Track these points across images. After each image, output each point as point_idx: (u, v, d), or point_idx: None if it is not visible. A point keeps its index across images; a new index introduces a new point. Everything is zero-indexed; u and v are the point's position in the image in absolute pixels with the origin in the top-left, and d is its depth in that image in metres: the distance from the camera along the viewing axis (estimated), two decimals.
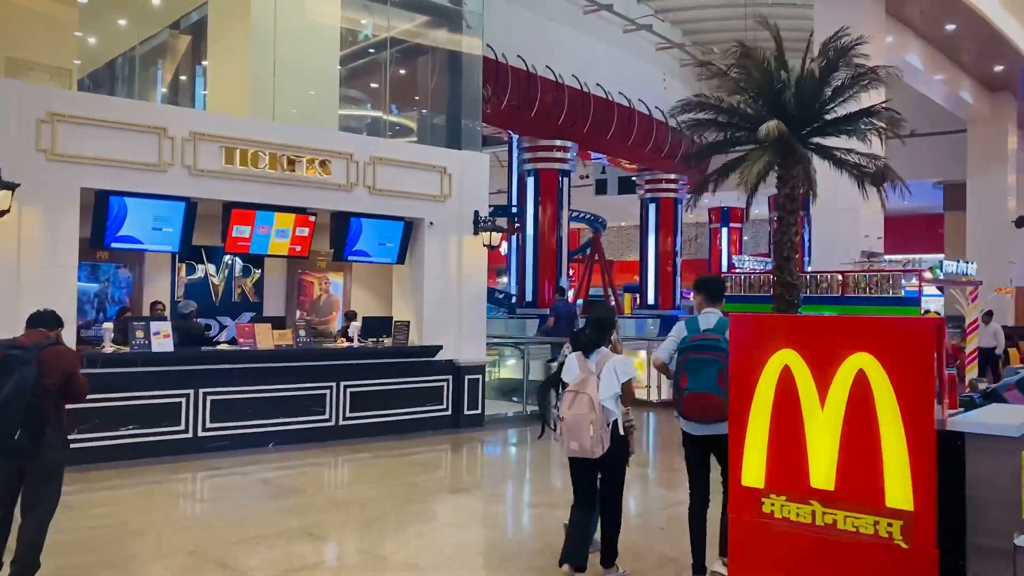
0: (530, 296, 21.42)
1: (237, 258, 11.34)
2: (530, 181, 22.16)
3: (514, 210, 21.84)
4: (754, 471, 3.30)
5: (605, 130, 22.71)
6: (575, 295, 27.07)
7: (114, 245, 9.10)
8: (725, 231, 35.46)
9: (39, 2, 12.28)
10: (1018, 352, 17.84)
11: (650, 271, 27.00)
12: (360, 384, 10.19)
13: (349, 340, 10.53)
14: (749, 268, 16.37)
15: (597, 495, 4.98)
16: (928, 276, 13.75)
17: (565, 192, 22.36)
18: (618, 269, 36.32)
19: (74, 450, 6.75)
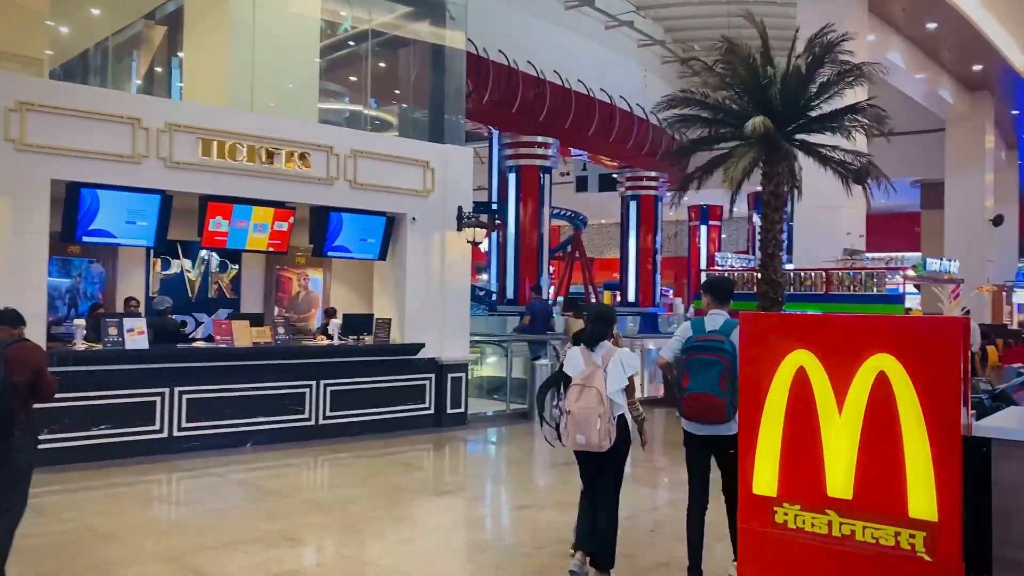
0: (511, 293, 21.27)
1: (214, 253, 11.07)
2: (511, 178, 22.00)
3: (495, 207, 21.67)
4: (766, 478, 3.12)
5: (586, 127, 22.60)
6: (555, 292, 26.94)
7: (86, 239, 8.82)
8: (704, 229, 35.50)
9: None
10: (996, 350, 17.91)
11: (631, 268, 26.96)
12: (340, 382, 9.98)
13: (329, 338, 10.32)
14: (731, 266, 16.29)
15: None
16: (911, 274, 13.76)
17: (546, 189, 22.23)
18: (598, 266, 36.26)
19: (44, 451, 6.51)
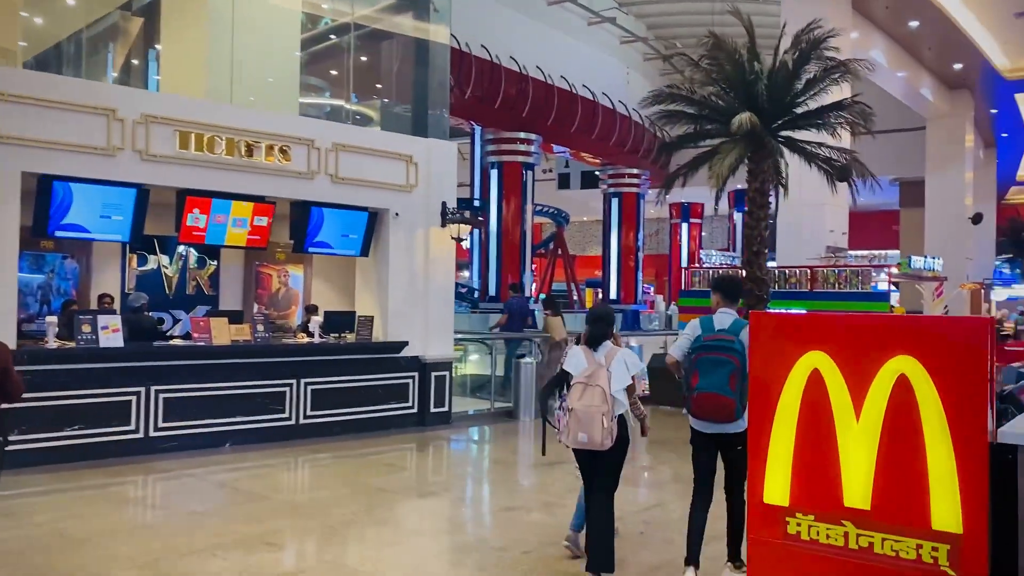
0: (493, 291, 21.12)
1: (192, 249, 10.85)
2: (493, 174, 21.84)
3: (477, 204, 21.50)
4: (778, 487, 2.95)
5: (569, 123, 22.49)
6: (537, 289, 26.82)
7: (59, 234, 8.55)
8: (685, 226, 35.60)
9: None
10: None
11: (613, 266, 26.91)
12: (321, 381, 9.78)
13: (310, 335, 10.12)
14: (716, 263, 16.21)
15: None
16: (895, 272, 13.74)
17: (529, 186, 22.10)
18: (580, 264, 36.20)
19: (14, 452, 6.29)
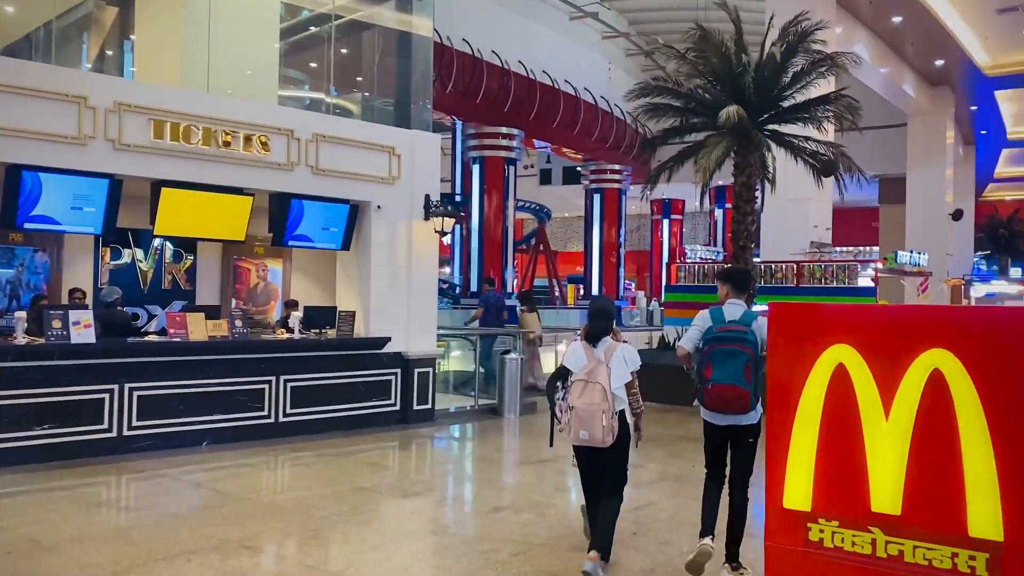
0: (475, 286, 20.92)
1: (167, 242, 10.55)
2: (475, 169, 21.63)
3: (458, 199, 21.29)
4: (799, 491, 2.74)
5: (551, 118, 22.34)
6: (519, 286, 26.66)
7: (28, 226, 8.23)
8: (667, 223, 35.58)
9: None
10: None
11: (594, 262, 26.79)
12: (302, 378, 9.53)
13: (290, 331, 9.86)
14: (701, 258, 16.10)
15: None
16: (881, 267, 13.68)
17: (511, 181, 21.91)
18: (562, 260, 36.10)
19: None
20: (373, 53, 13.43)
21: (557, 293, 28.97)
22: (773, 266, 13.37)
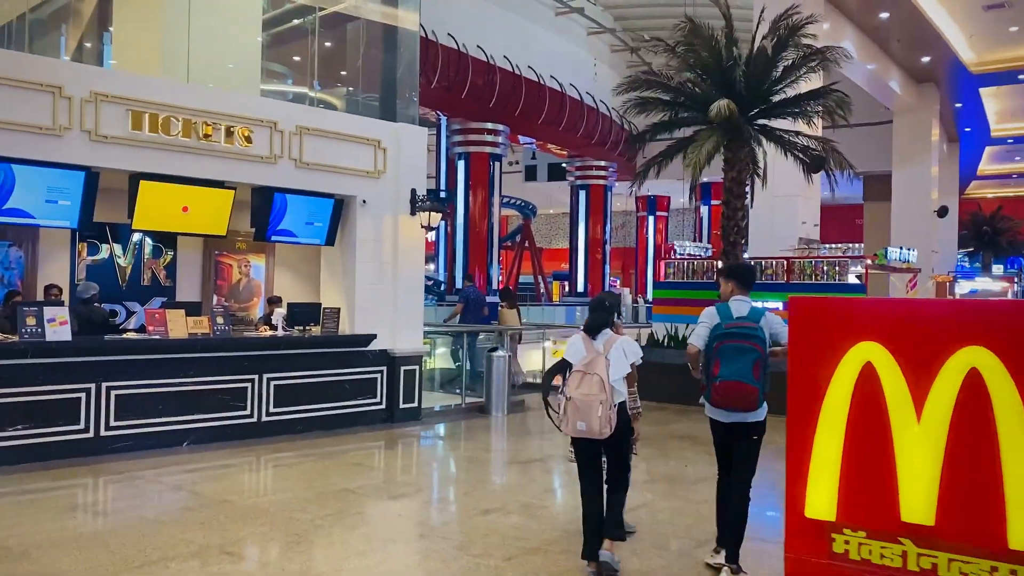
0: (460, 283, 20.72)
1: (147, 237, 10.28)
2: (460, 165, 21.45)
3: (443, 195, 21.11)
4: (822, 499, 2.55)
5: (536, 114, 22.21)
6: (503, 282, 26.49)
7: (0, 219, 7.97)
8: (652, 219, 35.55)
9: None
10: None
11: (580, 258, 26.69)
12: (285, 376, 9.30)
13: (273, 328, 9.63)
14: (690, 253, 15.97)
15: (602, 477, 5.00)
16: (871, 263, 13.60)
17: (496, 177, 21.75)
18: (547, 256, 35.98)
19: None
20: (358, 46, 13.19)
21: (542, 290, 28.81)
22: (763, 262, 13.24)
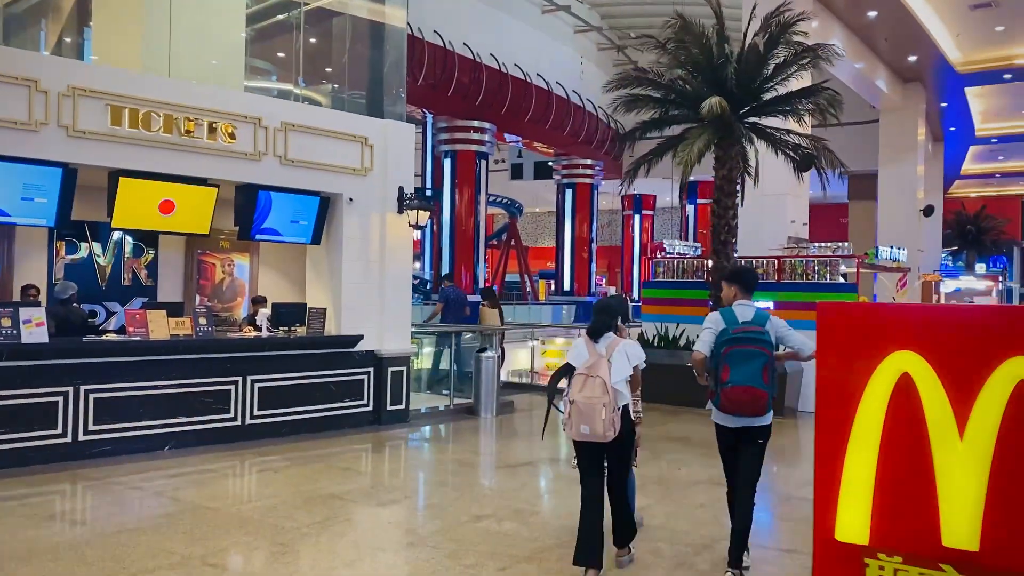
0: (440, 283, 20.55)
1: (127, 235, 10.03)
2: (446, 163, 21.24)
3: (429, 193, 20.91)
4: (855, 521, 2.37)
5: (523, 112, 22.03)
6: (488, 281, 26.32)
7: None
8: (638, 218, 35.44)
9: None
10: None
11: (566, 257, 26.55)
12: (270, 378, 9.10)
13: (257, 329, 9.43)
14: (679, 252, 15.84)
15: (604, 483, 4.95)
16: (862, 262, 13.52)
17: (483, 175, 21.56)
18: (533, 255, 35.82)
19: None
20: (344, 43, 12.97)
21: (529, 288, 28.66)
22: (754, 261, 13.12)
